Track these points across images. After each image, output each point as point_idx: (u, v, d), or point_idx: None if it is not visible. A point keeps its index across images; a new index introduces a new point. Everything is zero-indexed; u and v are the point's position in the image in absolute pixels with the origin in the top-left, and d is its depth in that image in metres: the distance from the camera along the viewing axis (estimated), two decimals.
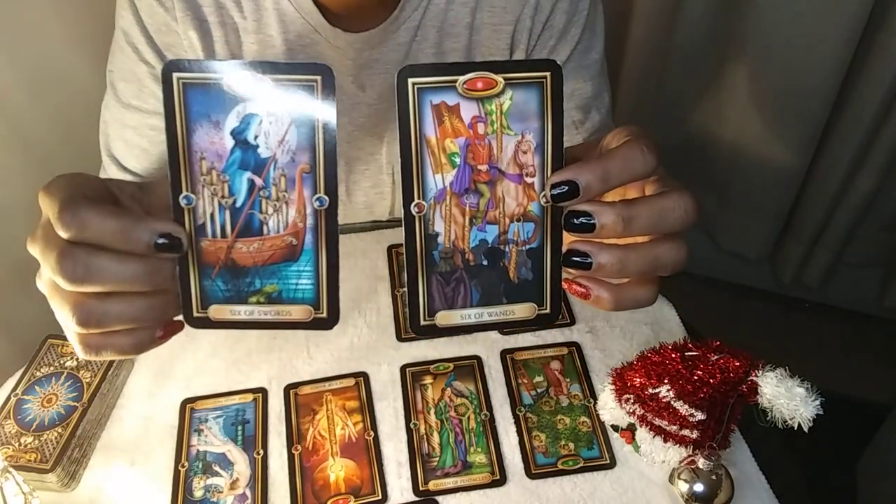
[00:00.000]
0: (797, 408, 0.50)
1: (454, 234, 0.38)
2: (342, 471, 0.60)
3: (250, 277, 0.38)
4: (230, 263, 0.38)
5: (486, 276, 0.39)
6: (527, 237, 0.38)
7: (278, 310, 0.39)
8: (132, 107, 0.65)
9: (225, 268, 0.38)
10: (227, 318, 0.39)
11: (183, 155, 0.37)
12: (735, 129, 1.41)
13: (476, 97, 0.36)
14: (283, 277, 0.39)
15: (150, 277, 0.36)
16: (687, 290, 0.66)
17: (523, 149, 0.37)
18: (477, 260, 0.38)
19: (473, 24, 0.66)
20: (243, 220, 0.38)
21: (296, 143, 0.37)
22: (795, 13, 1.19)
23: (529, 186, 0.37)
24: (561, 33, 0.67)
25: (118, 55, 0.65)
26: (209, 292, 0.39)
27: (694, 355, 0.55)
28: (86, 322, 0.37)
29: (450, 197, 0.37)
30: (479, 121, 0.37)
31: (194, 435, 0.62)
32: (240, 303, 0.39)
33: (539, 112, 0.37)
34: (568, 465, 0.60)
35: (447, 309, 0.39)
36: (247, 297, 0.39)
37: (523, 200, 0.38)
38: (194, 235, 0.38)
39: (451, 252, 0.38)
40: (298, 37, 0.63)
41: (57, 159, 0.88)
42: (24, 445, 0.59)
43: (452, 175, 0.37)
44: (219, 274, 0.38)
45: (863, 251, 1.52)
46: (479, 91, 0.36)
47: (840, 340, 1.60)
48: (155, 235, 0.36)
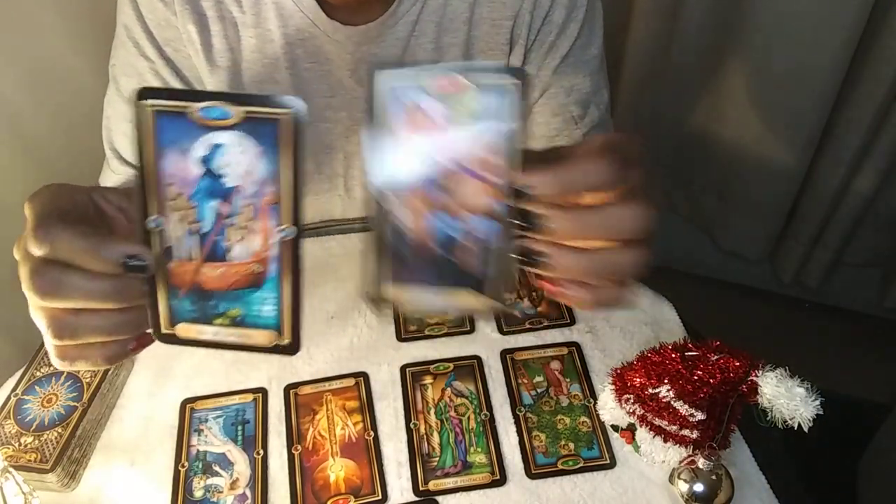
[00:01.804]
0: (797, 408, 0.50)
1: (415, 223, 0.40)
2: (342, 471, 0.60)
3: (215, 301, 0.39)
4: (196, 286, 0.39)
5: (444, 264, 0.40)
6: (486, 233, 0.39)
7: (241, 333, 0.41)
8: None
9: (191, 290, 0.39)
10: (194, 336, 0.40)
11: (152, 179, 0.38)
12: (735, 129, 1.41)
13: (445, 97, 0.37)
14: (246, 303, 0.40)
15: (119, 295, 0.38)
16: (687, 290, 0.66)
17: (488, 149, 0.38)
18: (438, 249, 0.40)
19: (472, 19, 0.66)
20: (209, 246, 0.39)
21: (262, 174, 0.38)
22: (795, 13, 1.19)
23: (491, 185, 0.38)
24: (560, 28, 0.67)
25: (120, 50, 0.66)
26: (176, 311, 0.40)
27: (694, 355, 0.55)
28: (59, 335, 0.38)
29: (416, 189, 0.39)
30: (445, 119, 0.38)
31: (194, 435, 0.62)
32: (205, 323, 0.40)
33: (504, 115, 0.37)
34: (568, 465, 0.60)
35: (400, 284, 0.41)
36: (212, 318, 0.40)
37: (485, 198, 0.39)
38: (162, 256, 0.39)
39: (412, 240, 0.40)
40: (297, 31, 0.63)
41: (57, 159, 0.88)
42: (24, 445, 0.59)
43: (419, 168, 0.39)
44: (186, 295, 0.40)
45: (863, 251, 1.52)
46: (449, 92, 0.37)
47: (840, 340, 1.60)
48: (122, 256, 0.37)
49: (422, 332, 0.70)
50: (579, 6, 0.67)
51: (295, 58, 0.65)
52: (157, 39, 0.63)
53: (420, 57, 0.67)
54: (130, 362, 0.68)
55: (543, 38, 0.68)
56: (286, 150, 0.37)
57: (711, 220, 1.60)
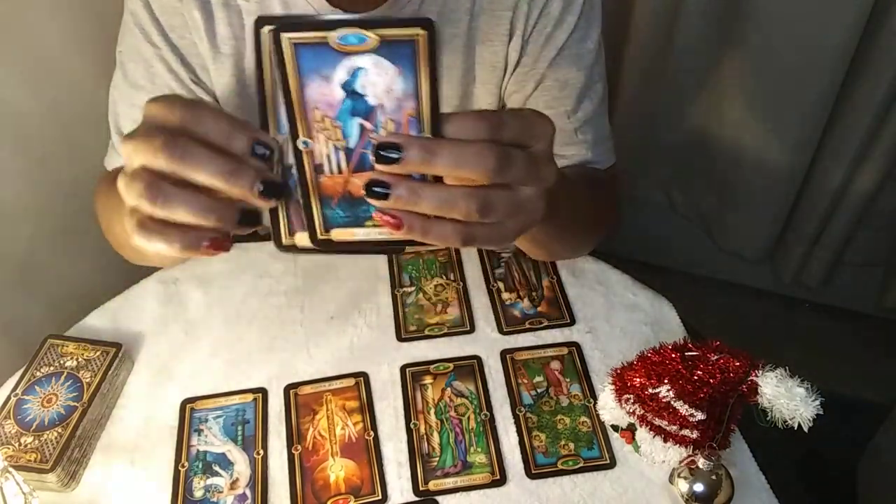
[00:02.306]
0: (797, 408, 0.50)
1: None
2: (342, 471, 0.60)
3: (366, 206, 0.42)
4: (347, 195, 0.42)
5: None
6: None
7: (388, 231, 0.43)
8: (140, 86, 0.66)
9: (342, 198, 0.42)
10: (348, 238, 0.44)
11: (298, 107, 0.40)
12: (735, 129, 1.41)
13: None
14: None
15: (232, 178, 0.40)
16: (687, 290, 0.66)
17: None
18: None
19: (473, 9, 0.66)
20: (356, 159, 0.41)
21: (401, 91, 0.40)
22: (795, 13, 1.19)
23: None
24: (557, 21, 0.67)
25: (127, 36, 0.66)
26: (330, 219, 0.43)
27: (694, 355, 0.55)
28: (154, 198, 0.40)
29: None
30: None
31: (194, 435, 0.62)
32: (357, 226, 0.43)
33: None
34: (568, 465, 0.60)
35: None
36: (363, 221, 0.43)
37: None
38: (314, 173, 0.42)
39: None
40: None
41: (57, 159, 0.88)
42: (24, 445, 0.59)
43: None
44: (338, 203, 0.43)
45: (863, 251, 1.52)
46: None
47: (840, 340, 1.59)
48: (252, 141, 0.40)
49: (422, 332, 0.70)
50: None
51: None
52: (163, 26, 0.64)
53: None
54: (130, 362, 0.68)
55: (541, 30, 0.68)
56: (423, 66, 0.39)
57: (711, 220, 1.60)
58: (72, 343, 0.67)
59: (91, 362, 0.65)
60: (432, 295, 0.74)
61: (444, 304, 0.73)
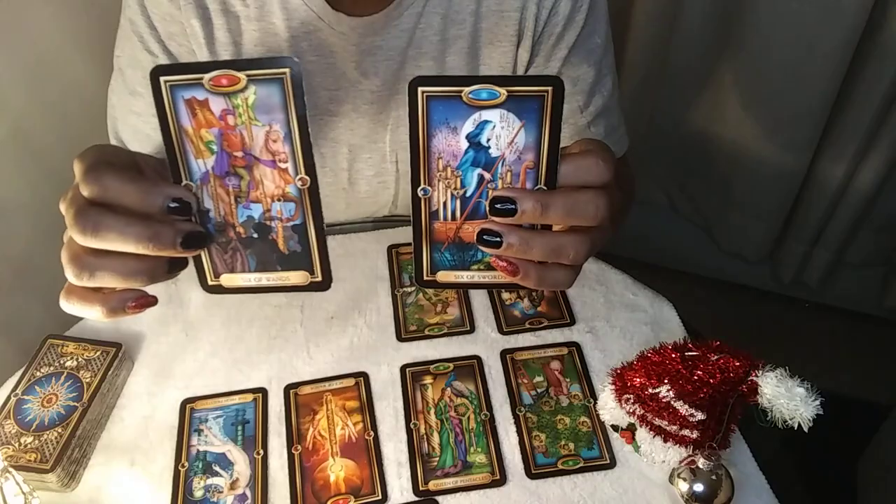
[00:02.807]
0: (797, 408, 0.50)
1: (222, 210, 0.44)
2: (342, 471, 0.60)
3: (474, 250, 0.45)
4: (457, 240, 0.45)
5: (259, 247, 0.45)
6: (289, 214, 0.44)
7: (494, 274, 0.45)
8: (138, 93, 0.66)
9: (453, 243, 0.45)
10: (452, 280, 0.46)
11: (423, 155, 0.42)
12: (735, 129, 1.41)
13: (222, 92, 0.41)
14: None
15: (151, 240, 0.40)
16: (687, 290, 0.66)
17: (272, 138, 0.42)
18: (247, 233, 0.44)
19: (479, 11, 0.66)
20: (472, 207, 0.43)
21: (523, 144, 0.41)
22: (795, 13, 1.19)
23: (284, 171, 0.43)
24: (567, 19, 0.67)
25: (125, 42, 0.66)
26: (438, 262, 0.45)
27: (694, 355, 0.55)
28: (79, 273, 0.41)
29: (213, 179, 0.43)
30: (227, 113, 0.41)
31: (194, 435, 0.62)
32: (463, 269, 0.46)
33: (283, 104, 0.41)
34: (568, 465, 0.60)
35: (229, 272, 0.46)
36: (470, 265, 0.46)
37: (280, 183, 0.43)
38: (429, 219, 0.44)
39: (223, 225, 0.44)
40: (302, 24, 0.63)
41: (56, 159, 0.88)
42: (24, 445, 0.59)
43: (212, 160, 0.43)
44: (447, 248, 0.45)
45: (863, 251, 1.52)
46: (224, 87, 0.41)
47: (840, 340, 1.60)
48: (168, 199, 0.41)
49: (422, 332, 0.70)
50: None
51: (299, 51, 0.65)
52: (160, 34, 0.64)
53: (426, 49, 0.67)
54: (130, 362, 0.68)
55: (551, 30, 0.68)
56: (548, 121, 0.41)
57: (711, 220, 1.60)
58: (72, 343, 0.67)
59: (91, 362, 0.65)
60: (432, 295, 0.74)
61: (444, 304, 0.73)
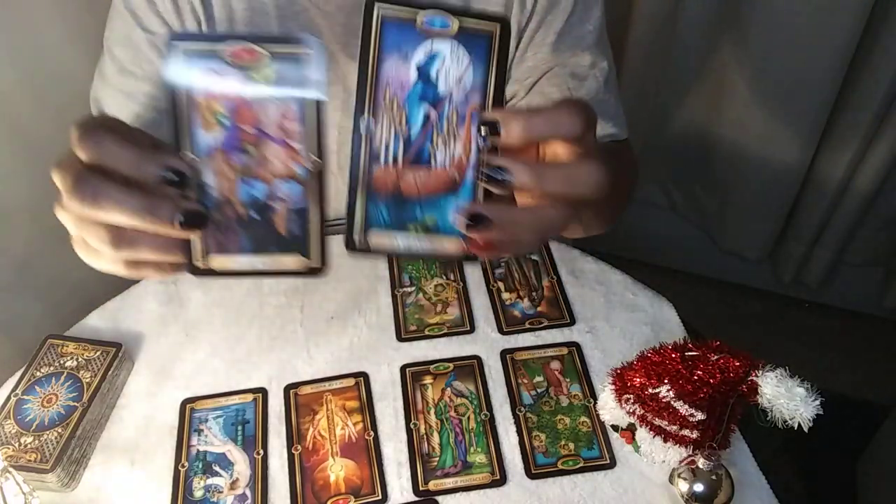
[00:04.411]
0: (797, 408, 0.50)
1: (224, 186, 0.41)
2: (342, 471, 0.60)
3: (412, 207, 0.41)
4: (396, 192, 0.41)
5: (256, 227, 0.42)
6: (294, 196, 0.42)
7: (433, 239, 0.42)
8: (128, 72, 0.66)
9: (391, 195, 0.41)
10: (386, 244, 0.42)
11: (370, 82, 0.40)
12: (735, 129, 1.41)
13: (241, 66, 0.40)
14: (442, 209, 0.41)
15: (150, 214, 0.39)
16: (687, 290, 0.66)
17: (287, 116, 0.40)
18: (247, 212, 0.42)
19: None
20: (415, 150, 0.41)
21: (470, 83, 0.40)
22: (795, 13, 1.19)
23: (294, 151, 0.41)
24: (552, 7, 0.67)
25: (116, 21, 0.66)
26: (372, 217, 0.41)
27: (694, 355, 0.55)
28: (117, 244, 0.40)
29: (219, 153, 0.41)
30: (241, 86, 0.40)
31: (194, 435, 0.62)
32: (399, 229, 0.41)
33: (301, 83, 0.40)
34: (568, 465, 0.60)
35: (220, 253, 0.42)
36: (406, 224, 0.41)
37: (288, 163, 0.41)
38: (368, 162, 0.41)
39: (221, 203, 0.42)
40: (289, 2, 0.64)
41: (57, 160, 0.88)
42: (24, 445, 0.59)
43: (221, 134, 0.41)
44: (384, 201, 0.41)
45: (863, 251, 1.52)
46: (245, 61, 0.39)
47: (840, 340, 1.60)
48: (164, 168, 0.39)
49: (422, 332, 0.70)
50: None
51: (287, 31, 0.65)
52: (158, 9, 0.64)
53: None
54: (130, 362, 0.68)
55: (537, 16, 0.68)
56: (495, 61, 0.40)
57: (711, 220, 1.60)
58: (72, 343, 0.67)
59: (91, 362, 0.65)
60: (432, 295, 0.74)
61: (444, 304, 0.73)
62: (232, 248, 0.43)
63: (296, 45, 0.39)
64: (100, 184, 0.38)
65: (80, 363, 0.65)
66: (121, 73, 0.66)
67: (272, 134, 0.41)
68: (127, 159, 0.39)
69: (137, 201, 0.38)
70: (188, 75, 0.40)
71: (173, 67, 0.39)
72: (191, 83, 0.40)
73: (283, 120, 0.40)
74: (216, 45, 0.39)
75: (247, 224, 0.42)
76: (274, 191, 0.42)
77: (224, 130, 0.41)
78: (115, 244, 0.40)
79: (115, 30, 0.66)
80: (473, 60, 0.40)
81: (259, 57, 0.39)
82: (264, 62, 0.39)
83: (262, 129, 0.41)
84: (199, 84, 0.40)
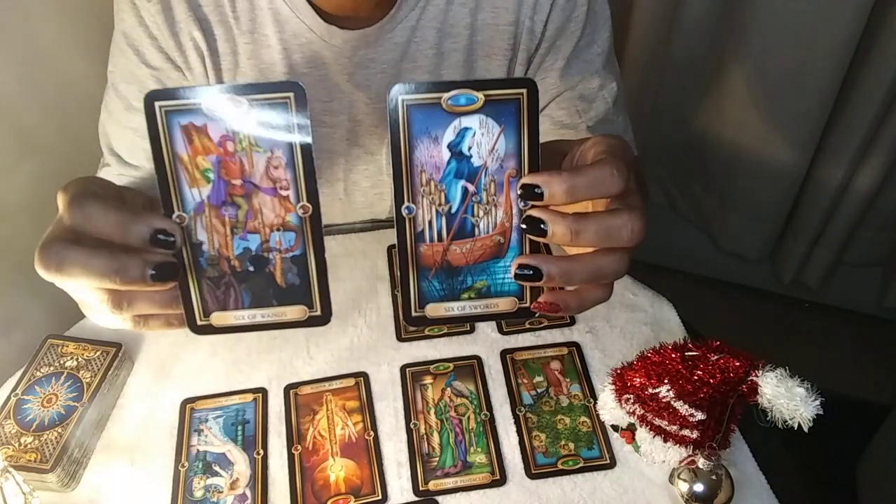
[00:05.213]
0: (797, 408, 0.50)
1: (217, 242, 0.41)
2: (342, 471, 0.60)
3: (462, 276, 0.42)
4: (445, 265, 0.42)
5: (254, 280, 0.42)
6: (289, 245, 0.41)
7: (487, 303, 0.43)
8: (134, 108, 0.65)
9: (440, 269, 0.42)
10: (441, 314, 0.43)
11: (405, 169, 0.40)
12: (735, 129, 1.41)
13: (223, 116, 0.39)
14: (491, 273, 0.43)
15: (118, 273, 0.38)
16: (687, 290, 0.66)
17: (274, 164, 0.40)
18: (243, 266, 0.42)
19: (474, 24, 0.66)
20: (458, 224, 0.41)
21: (504, 150, 0.40)
22: (795, 13, 1.19)
23: (285, 199, 0.41)
24: (560, 30, 0.67)
25: (119, 57, 0.65)
26: (426, 292, 0.43)
27: (694, 355, 0.55)
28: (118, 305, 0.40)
29: (208, 209, 0.40)
30: (227, 139, 0.39)
31: (194, 435, 0.62)
32: (453, 299, 0.43)
33: (286, 129, 0.39)
34: (568, 465, 0.60)
35: (220, 310, 0.42)
36: (460, 293, 0.43)
37: (280, 211, 0.41)
38: (414, 242, 0.41)
39: (216, 259, 0.41)
40: (294, 36, 0.63)
41: (57, 160, 0.88)
42: (24, 445, 0.59)
43: (208, 189, 0.40)
44: (435, 275, 0.42)
45: (863, 251, 1.52)
46: (226, 110, 0.39)
47: (840, 340, 1.60)
48: (151, 230, 0.38)
49: (422, 332, 0.70)
50: (579, 6, 0.67)
51: (292, 63, 0.65)
52: (161, 46, 0.63)
53: (420, 62, 0.67)
54: (130, 362, 0.68)
55: (546, 42, 0.68)
56: (526, 124, 0.40)
57: (711, 220, 1.60)
58: (72, 343, 0.67)
59: (91, 362, 0.65)
60: None
61: None
62: (231, 305, 0.42)
63: (275, 92, 0.39)
64: (62, 251, 0.38)
65: (80, 363, 0.65)
66: (128, 109, 0.66)
67: (260, 184, 0.40)
68: (113, 224, 0.38)
69: (104, 262, 0.38)
70: (169, 133, 0.39)
71: (153, 127, 0.39)
72: (172, 141, 0.39)
73: (271, 168, 0.40)
74: (194, 100, 0.39)
75: (244, 277, 0.42)
76: (268, 241, 0.41)
77: (211, 185, 0.40)
78: (114, 304, 0.40)
79: (118, 65, 0.66)
80: (505, 128, 0.40)
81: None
82: (247, 111, 0.39)
83: (250, 179, 0.40)
84: (180, 141, 0.39)
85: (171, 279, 0.39)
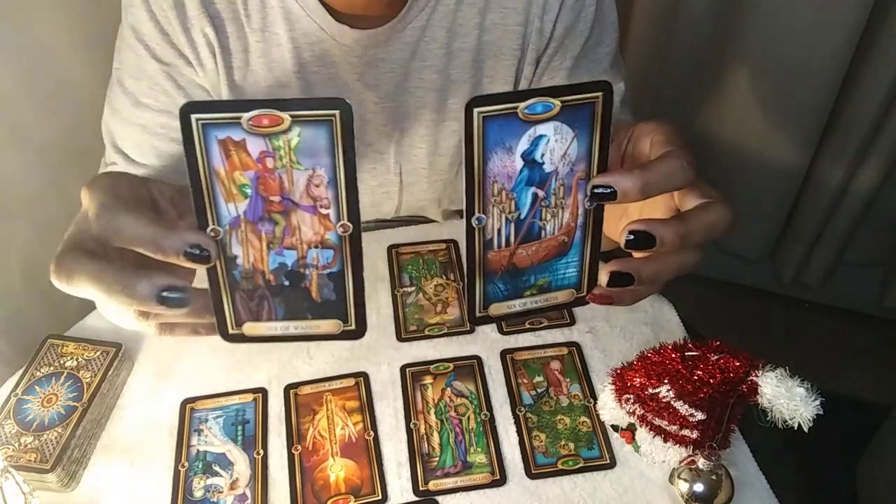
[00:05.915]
0: (797, 408, 0.50)
1: (252, 256, 0.40)
2: (342, 471, 0.60)
3: (527, 275, 0.42)
4: (511, 267, 0.42)
5: (288, 294, 0.42)
6: (326, 262, 0.41)
7: (547, 297, 0.44)
8: (142, 105, 0.65)
9: (506, 272, 0.42)
10: (504, 312, 0.43)
11: (479, 181, 0.39)
12: (735, 129, 1.41)
13: (262, 133, 0.37)
14: (553, 270, 0.43)
15: (124, 291, 0.37)
16: (687, 290, 0.66)
17: (315, 182, 0.39)
18: (278, 280, 0.41)
19: (483, 24, 0.66)
20: (525, 229, 0.41)
21: (575, 154, 0.40)
22: (795, 13, 1.19)
23: (325, 217, 0.40)
24: (569, 30, 0.67)
25: (126, 52, 0.64)
26: (491, 295, 0.43)
27: (694, 355, 0.55)
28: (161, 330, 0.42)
29: (244, 224, 0.40)
30: (267, 155, 0.38)
31: (194, 435, 0.62)
32: (516, 298, 0.43)
33: (330, 148, 0.38)
34: (568, 465, 0.60)
35: (253, 321, 0.42)
36: (522, 291, 0.43)
37: (319, 230, 0.40)
38: (483, 250, 0.41)
39: (251, 272, 0.41)
40: (304, 34, 0.63)
41: (57, 159, 0.88)
42: (24, 445, 0.59)
43: (245, 204, 0.39)
44: (500, 278, 0.42)
45: (863, 251, 1.52)
46: (265, 128, 0.37)
47: (840, 340, 1.60)
48: (186, 245, 0.37)
49: (422, 332, 0.70)
50: (588, 6, 0.67)
51: (303, 62, 0.65)
52: (173, 41, 0.63)
53: (430, 62, 0.67)
54: (130, 362, 0.68)
55: (555, 42, 0.68)
56: (598, 127, 0.40)
57: None
58: (72, 343, 0.67)
59: (91, 362, 0.65)
60: (432, 295, 0.74)
61: (444, 303, 0.73)
62: (265, 316, 0.42)
63: (324, 109, 0.37)
64: (73, 263, 0.37)
65: (80, 363, 0.65)
66: (135, 105, 0.65)
67: (300, 202, 0.39)
68: (146, 239, 0.37)
69: (113, 277, 0.37)
70: (206, 146, 0.38)
71: (189, 139, 0.37)
72: (209, 155, 0.38)
73: (311, 186, 0.39)
74: (233, 114, 0.37)
75: (279, 291, 0.41)
76: (305, 258, 0.40)
77: (248, 201, 0.39)
78: (140, 312, 0.39)
79: (125, 61, 0.65)
80: (578, 133, 0.39)
81: (280, 122, 0.37)
82: (286, 127, 0.37)
83: (289, 196, 0.39)
84: (217, 155, 0.38)
85: (180, 305, 0.38)
